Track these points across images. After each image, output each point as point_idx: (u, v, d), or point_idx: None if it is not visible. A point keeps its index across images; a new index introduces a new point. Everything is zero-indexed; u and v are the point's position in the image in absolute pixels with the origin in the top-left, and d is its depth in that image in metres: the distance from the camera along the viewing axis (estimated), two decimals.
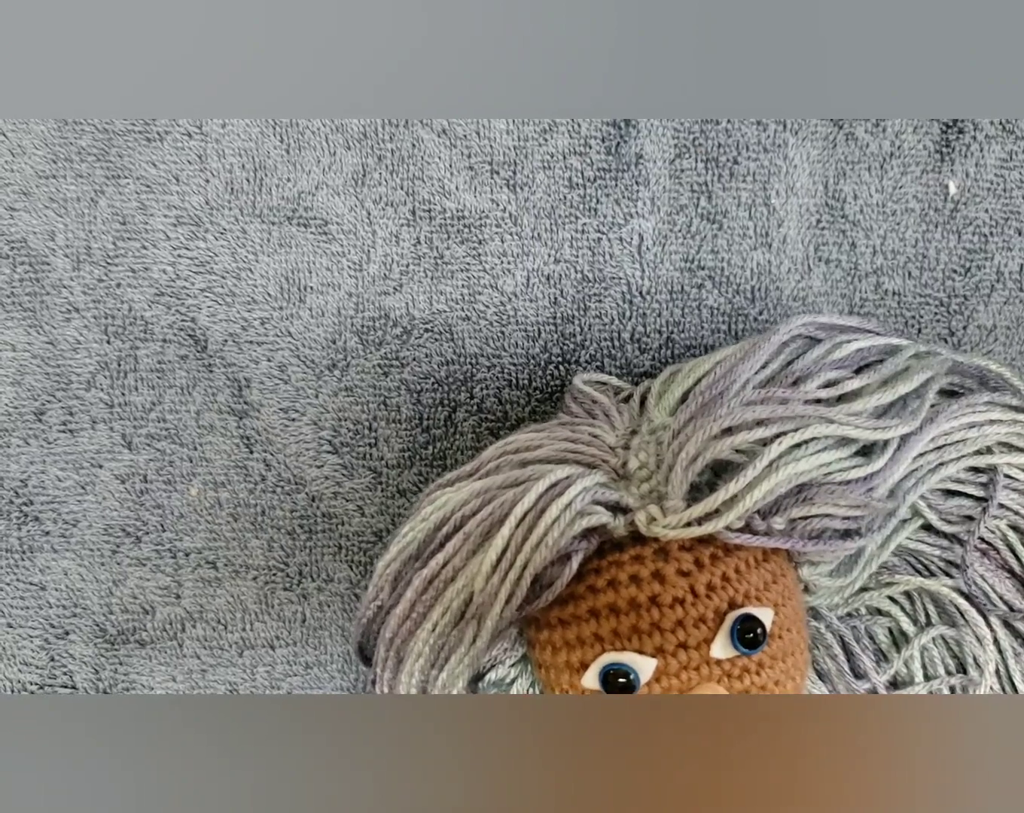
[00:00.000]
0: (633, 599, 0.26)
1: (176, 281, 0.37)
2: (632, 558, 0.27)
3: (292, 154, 0.37)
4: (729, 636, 0.26)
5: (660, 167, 0.37)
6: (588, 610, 0.26)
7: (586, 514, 0.27)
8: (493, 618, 0.26)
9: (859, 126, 0.37)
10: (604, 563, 0.27)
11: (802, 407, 0.28)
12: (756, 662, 0.26)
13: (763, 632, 0.26)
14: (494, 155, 0.37)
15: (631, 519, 0.27)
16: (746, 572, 0.27)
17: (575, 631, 0.27)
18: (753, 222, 0.37)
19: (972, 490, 0.30)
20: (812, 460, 0.27)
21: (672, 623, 0.26)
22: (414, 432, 0.37)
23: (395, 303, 0.37)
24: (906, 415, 0.29)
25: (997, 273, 0.37)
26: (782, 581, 0.28)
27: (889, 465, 0.28)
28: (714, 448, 0.27)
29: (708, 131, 0.37)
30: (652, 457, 0.28)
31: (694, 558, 0.27)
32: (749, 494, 0.27)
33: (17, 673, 0.37)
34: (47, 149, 0.37)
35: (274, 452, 0.37)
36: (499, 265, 0.37)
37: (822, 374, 0.29)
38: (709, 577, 0.26)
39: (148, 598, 0.37)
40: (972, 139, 0.37)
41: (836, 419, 0.28)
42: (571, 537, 0.26)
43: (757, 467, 0.27)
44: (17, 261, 0.37)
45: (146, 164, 0.37)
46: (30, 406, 0.37)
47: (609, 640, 0.26)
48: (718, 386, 0.29)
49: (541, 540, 0.26)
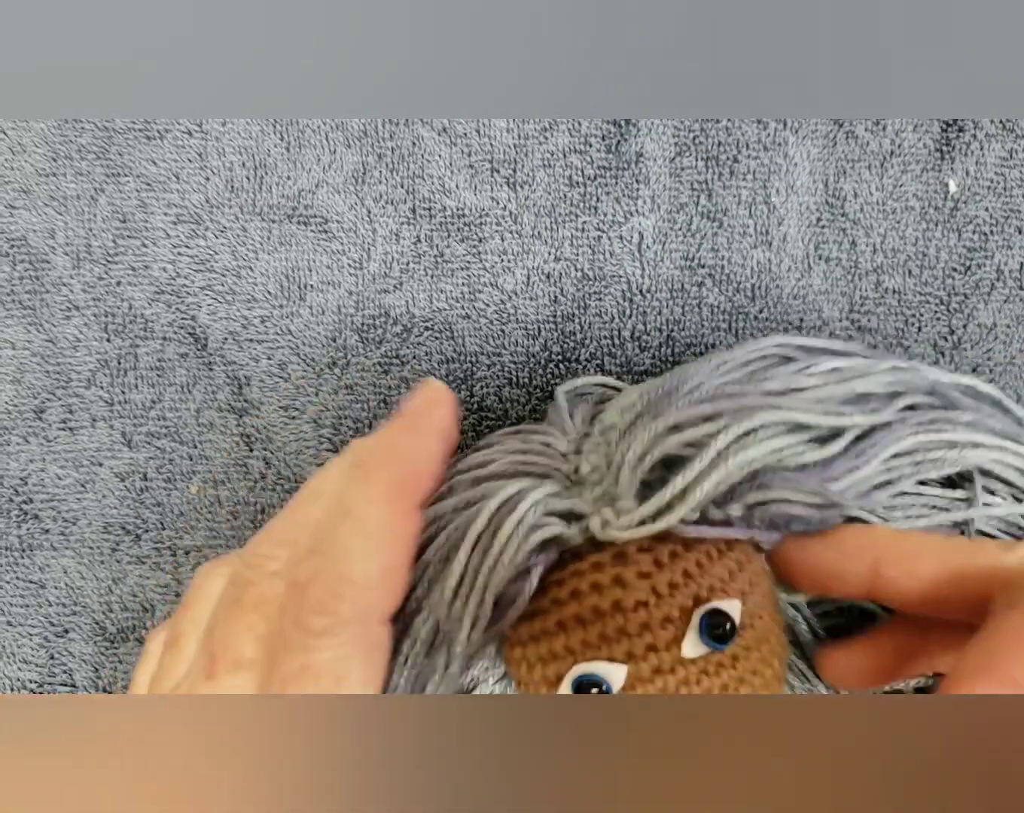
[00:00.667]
0: (596, 607, 0.25)
1: (176, 279, 0.37)
2: (592, 566, 0.26)
3: (292, 152, 0.37)
4: (698, 633, 0.25)
5: (660, 165, 0.37)
6: (556, 623, 0.26)
7: (539, 527, 0.26)
8: (461, 643, 0.26)
9: (859, 125, 0.37)
10: (566, 574, 0.26)
11: (751, 399, 0.27)
12: (730, 656, 0.25)
13: (731, 626, 0.25)
14: (494, 153, 0.37)
15: (586, 525, 0.26)
16: (708, 565, 0.26)
17: (547, 645, 0.26)
18: (753, 220, 0.37)
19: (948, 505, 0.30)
20: (763, 446, 0.27)
21: (638, 627, 0.25)
22: None
23: (395, 301, 0.37)
24: (866, 410, 0.28)
25: (997, 271, 0.37)
26: (747, 568, 0.27)
27: (849, 457, 0.28)
28: (662, 445, 0.27)
29: (708, 129, 0.37)
30: (603, 459, 0.28)
31: (653, 558, 0.26)
32: (699, 486, 0.26)
33: (16, 671, 0.37)
34: (47, 147, 0.37)
35: (274, 450, 0.37)
36: (499, 263, 0.37)
37: (786, 382, 0.28)
38: (670, 576, 0.26)
39: (148, 596, 0.37)
40: (972, 137, 0.37)
41: (785, 406, 0.27)
42: (527, 552, 0.26)
43: (706, 458, 0.26)
44: (17, 259, 0.37)
45: (146, 162, 0.37)
46: (30, 404, 0.37)
47: (580, 651, 0.25)
48: (668, 385, 0.28)
49: (498, 560, 0.26)
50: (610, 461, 0.27)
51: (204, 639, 0.25)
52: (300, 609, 0.24)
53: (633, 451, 0.27)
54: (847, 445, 0.28)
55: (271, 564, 0.25)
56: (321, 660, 0.23)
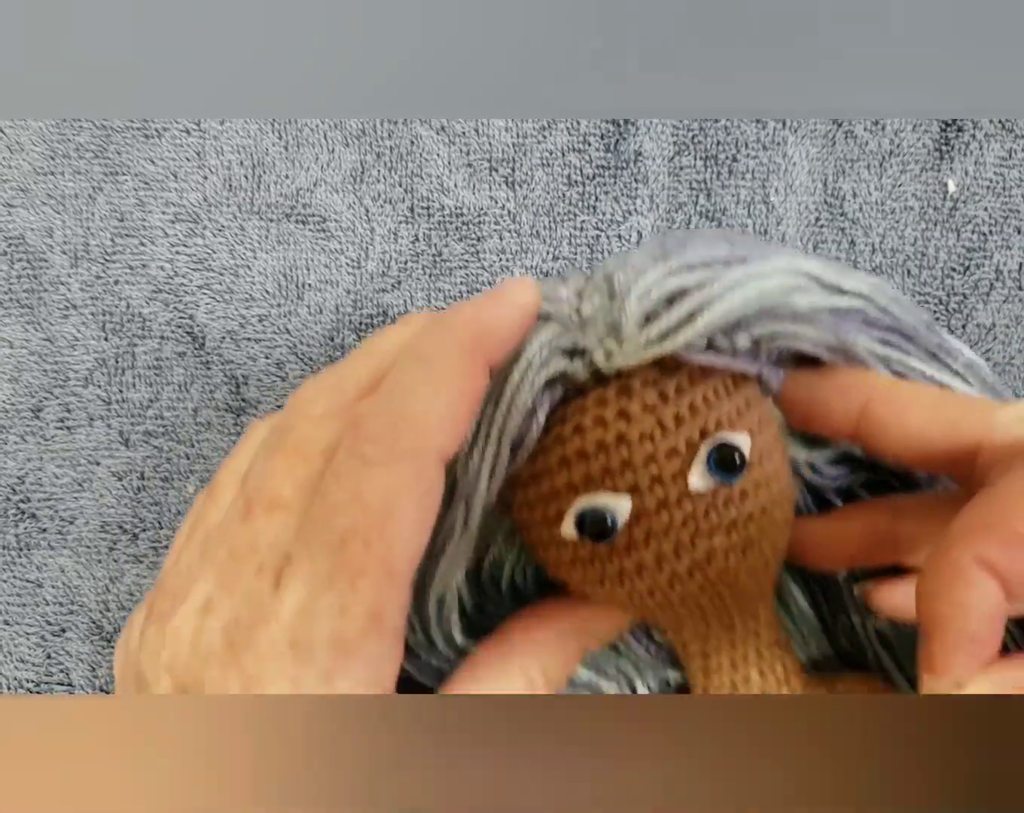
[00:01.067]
0: (600, 441, 0.25)
1: (174, 278, 0.37)
2: (595, 401, 0.26)
3: (290, 151, 0.37)
4: (705, 465, 0.25)
5: (659, 164, 0.37)
6: (559, 460, 0.25)
7: (546, 365, 0.25)
8: (481, 495, 0.25)
9: (858, 124, 0.37)
10: (569, 411, 0.26)
11: (769, 248, 0.27)
12: (739, 491, 0.25)
13: (740, 458, 0.25)
14: (492, 152, 0.37)
15: (590, 360, 0.26)
16: (715, 401, 0.25)
17: (548, 483, 0.26)
18: (752, 220, 0.37)
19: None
20: (776, 281, 0.26)
21: (643, 458, 0.25)
22: None
23: (393, 300, 0.37)
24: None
25: (996, 271, 0.37)
26: (756, 409, 0.26)
27: (860, 314, 0.27)
28: (672, 279, 0.26)
29: (707, 128, 0.37)
30: (606, 299, 0.26)
31: (658, 392, 0.25)
32: (709, 309, 0.25)
33: (13, 671, 0.37)
34: (45, 146, 0.37)
35: None
36: (497, 262, 0.37)
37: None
38: (676, 409, 0.25)
39: (145, 595, 0.37)
40: (971, 137, 0.37)
41: (803, 258, 0.27)
42: (536, 392, 0.25)
43: (717, 286, 0.25)
44: (15, 258, 0.37)
45: (144, 161, 0.37)
46: (27, 403, 0.37)
47: (582, 486, 0.25)
48: (679, 237, 0.27)
49: (510, 405, 0.25)
50: (614, 297, 0.26)
51: (241, 483, 0.25)
52: (355, 439, 0.23)
53: (641, 283, 0.26)
54: (860, 303, 0.27)
55: (313, 409, 0.25)
56: (372, 490, 0.22)
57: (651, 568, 0.25)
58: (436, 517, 0.24)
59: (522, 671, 0.27)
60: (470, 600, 0.29)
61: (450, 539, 0.26)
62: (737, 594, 0.26)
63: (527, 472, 0.26)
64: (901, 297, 0.29)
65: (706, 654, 0.28)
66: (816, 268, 0.27)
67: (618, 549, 0.25)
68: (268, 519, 0.23)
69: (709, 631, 0.28)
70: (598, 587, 0.26)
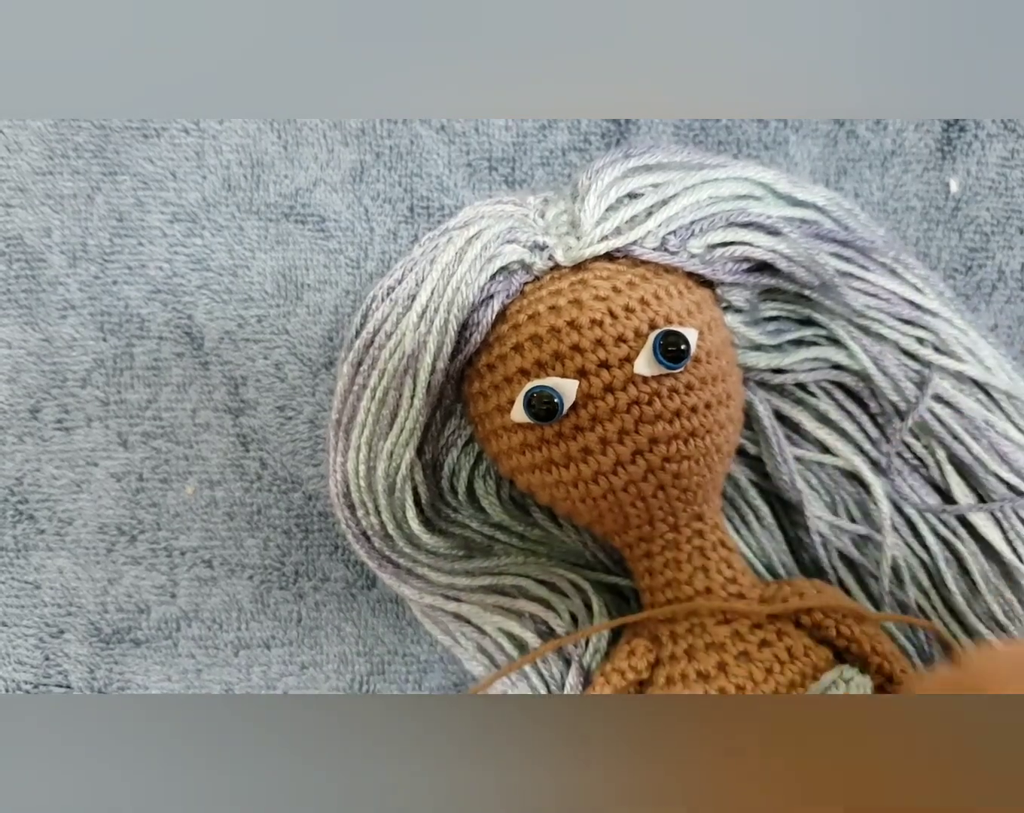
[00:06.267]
0: (553, 326, 0.26)
1: (172, 278, 0.37)
2: (551, 292, 0.27)
3: (290, 151, 0.37)
4: (652, 352, 0.26)
5: None
6: (512, 347, 0.27)
7: (503, 253, 0.27)
8: (425, 369, 0.27)
9: (860, 124, 0.37)
10: (525, 301, 0.27)
11: (727, 159, 0.29)
12: (684, 383, 0.26)
13: (686, 346, 0.26)
14: (492, 152, 0.37)
15: (549, 254, 0.28)
16: (666, 299, 0.27)
17: (501, 371, 0.27)
18: None
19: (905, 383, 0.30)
20: (731, 186, 0.28)
21: (591, 343, 0.26)
22: None
23: None
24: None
25: (999, 272, 0.37)
26: (707, 311, 0.28)
27: (812, 224, 0.29)
28: (632, 179, 0.28)
29: (709, 128, 0.37)
30: (569, 202, 0.28)
31: (611, 285, 0.27)
32: (665, 207, 0.27)
33: (11, 672, 0.37)
34: (43, 145, 0.37)
35: (270, 450, 0.36)
36: None
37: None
38: (627, 300, 0.26)
39: (143, 597, 0.36)
40: (974, 137, 0.37)
41: (760, 168, 0.29)
42: (490, 274, 0.27)
43: (674, 185, 0.27)
44: (13, 258, 0.37)
45: (143, 161, 0.37)
46: (25, 403, 0.37)
47: (533, 371, 0.26)
48: (645, 143, 0.29)
49: (461, 281, 0.27)
50: (576, 198, 0.28)
51: None
52: None
53: (599, 183, 0.28)
54: (815, 214, 0.29)
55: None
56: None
57: (596, 452, 0.26)
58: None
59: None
60: (427, 496, 0.30)
61: (397, 415, 0.28)
62: (680, 487, 0.27)
63: (484, 363, 0.28)
64: (857, 211, 0.30)
65: (650, 554, 0.28)
66: (770, 177, 0.29)
67: (564, 433, 0.26)
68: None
69: (654, 531, 0.28)
70: (546, 474, 0.27)
